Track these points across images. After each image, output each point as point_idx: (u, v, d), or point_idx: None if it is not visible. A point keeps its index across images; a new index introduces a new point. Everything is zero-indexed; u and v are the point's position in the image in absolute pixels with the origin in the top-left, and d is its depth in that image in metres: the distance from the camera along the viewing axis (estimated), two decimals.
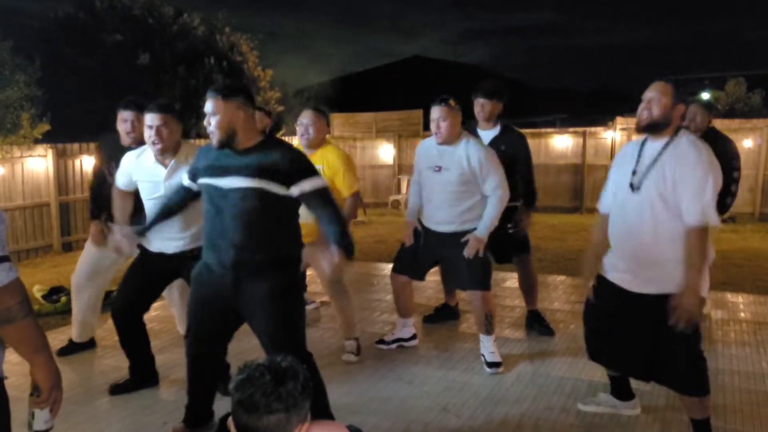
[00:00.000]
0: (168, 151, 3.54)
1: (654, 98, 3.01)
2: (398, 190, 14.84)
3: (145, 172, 3.61)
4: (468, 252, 4.04)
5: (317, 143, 4.30)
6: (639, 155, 3.09)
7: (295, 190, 2.78)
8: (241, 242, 2.81)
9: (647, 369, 3.14)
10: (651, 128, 3.03)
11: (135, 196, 3.80)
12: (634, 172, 3.08)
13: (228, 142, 2.80)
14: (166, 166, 3.56)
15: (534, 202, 4.85)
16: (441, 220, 4.16)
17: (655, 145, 3.04)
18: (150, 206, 3.62)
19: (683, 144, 2.97)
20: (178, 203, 3.19)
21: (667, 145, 3.00)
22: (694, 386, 3.07)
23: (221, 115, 2.76)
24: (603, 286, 3.24)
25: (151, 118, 3.47)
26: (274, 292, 2.84)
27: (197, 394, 3.16)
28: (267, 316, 2.86)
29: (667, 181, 2.94)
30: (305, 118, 4.28)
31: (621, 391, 3.52)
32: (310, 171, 2.85)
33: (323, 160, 4.20)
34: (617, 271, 3.16)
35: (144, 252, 3.75)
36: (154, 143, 3.49)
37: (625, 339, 3.14)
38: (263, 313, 2.86)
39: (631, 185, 3.07)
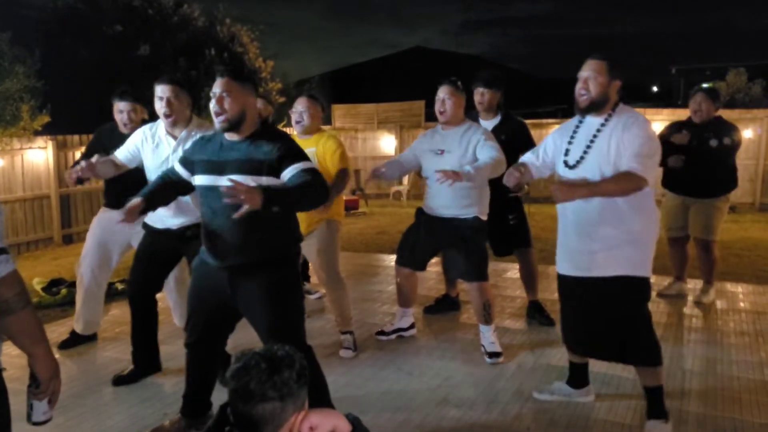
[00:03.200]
0: (179, 123, 3.58)
1: (590, 77, 3.02)
2: (400, 182, 14.82)
3: (155, 144, 3.64)
4: (439, 177, 3.86)
5: (312, 129, 4.30)
6: (574, 132, 3.15)
7: (283, 176, 2.77)
8: (238, 243, 2.81)
9: (619, 349, 3.18)
10: (591, 108, 3.05)
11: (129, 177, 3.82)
12: (566, 152, 3.13)
13: (236, 125, 2.79)
14: (175, 138, 3.59)
15: None
16: (440, 204, 4.14)
17: (593, 121, 3.07)
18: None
19: (624, 118, 3.00)
20: (172, 190, 3.11)
21: (606, 121, 3.03)
22: (649, 357, 3.13)
23: (234, 97, 2.75)
24: (558, 279, 3.34)
25: (162, 90, 3.51)
26: (271, 288, 2.85)
27: (195, 384, 3.17)
28: (264, 313, 2.86)
29: (611, 155, 2.96)
30: (300, 105, 4.28)
31: (577, 378, 3.56)
32: (299, 156, 2.81)
33: (317, 143, 4.22)
34: (566, 260, 3.23)
35: (150, 231, 3.78)
36: (165, 115, 3.52)
37: (586, 323, 3.21)
38: (260, 310, 2.86)
39: (565, 163, 3.12)
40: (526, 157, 3.49)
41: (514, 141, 4.62)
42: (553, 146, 3.34)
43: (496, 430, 3.27)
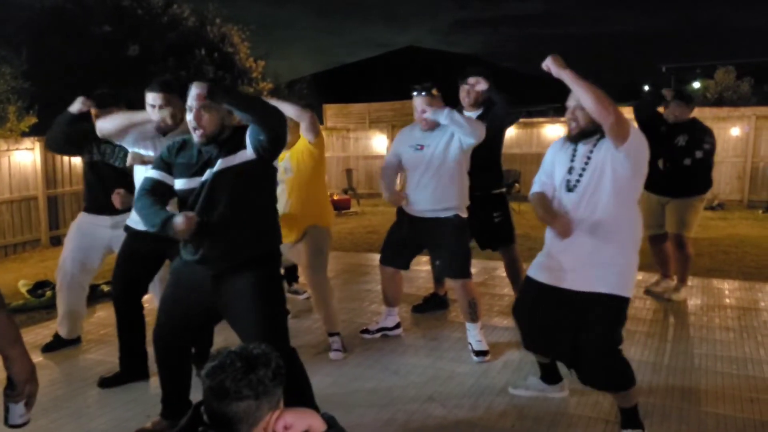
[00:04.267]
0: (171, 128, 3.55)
1: (577, 107, 2.99)
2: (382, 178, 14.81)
3: (147, 143, 3.58)
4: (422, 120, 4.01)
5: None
6: (575, 151, 3.09)
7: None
8: (219, 241, 2.79)
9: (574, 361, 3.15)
10: (581, 137, 3.04)
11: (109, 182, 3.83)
12: (570, 170, 3.07)
13: (214, 139, 2.78)
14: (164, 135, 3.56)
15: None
16: (421, 201, 4.13)
17: (589, 141, 3.03)
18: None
19: None
20: (162, 198, 2.96)
21: (599, 139, 2.99)
22: (617, 385, 3.09)
23: (212, 114, 2.73)
24: (531, 285, 3.25)
25: (153, 98, 3.45)
26: (253, 288, 2.82)
27: (170, 386, 3.15)
28: (247, 313, 2.84)
29: (605, 171, 2.93)
30: None
31: (549, 375, 3.56)
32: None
33: (289, 149, 4.17)
34: (549, 270, 3.15)
35: (131, 233, 3.76)
36: (160, 122, 3.47)
37: (554, 333, 3.15)
38: (243, 310, 2.84)
39: (567, 183, 3.07)
40: (540, 187, 3.34)
41: (499, 128, 4.63)
42: (551, 165, 3.25)
43: (480, 428, 3.28)
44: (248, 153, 2.76)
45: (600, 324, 3.00)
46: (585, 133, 3.02)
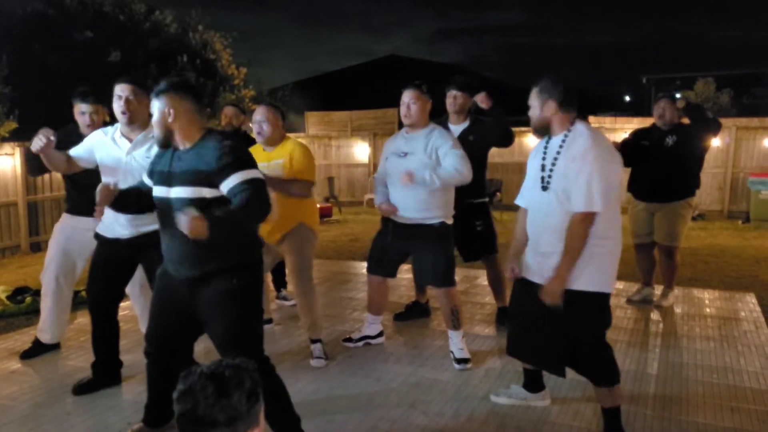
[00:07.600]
0: (135, 123, 3.55)
1: (529, 104, 3.13)
2: (373, 189, 14.83)
3: (110, 146, 3.60)
4: (401, 178, 3.99)
5: (275, 140, 4.16)
6: (545, 151, 3.14)
7: (223, 188, 2.67)
8: (191, 253, 2.76)
9: (561, 362, 3.18)
10: (537, 132, 3.18)
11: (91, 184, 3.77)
12: (542, 168, 3.12)
13: (165, 142, 2.78)
14: (130, 141, 3.55)
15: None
16: (404, 207, 4.12)
17: (555, 141, 3.10)
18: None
19: (576, 136, 3.01)
20: (147, 198, 2.97)
21: (563, 141, 3.05)
22: (602, 377, 3.12)
23: (155, 112, 2.75)
24: (521, 285, 3.28)
25: (120, 89, 3.52)
26: (228, 296, 2.79)
27: (156, 394, 3.12)
28: (220, 321, 2.81)
29: (567, 177, 2.97)
30: (258, 114, 4.12)
31: (532, 383, 3.59)
32: (240, 164, 2.68)
33: (283, 153, 4.13)
34: (530, 267, 3.19)
35: (102, 241, 3.73)
36: (122, 113, 3.49)
37: (539, 334, 3.17)
38: (217, 318, 2.82)
39: (542, 181, 3.11)
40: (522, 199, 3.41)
41: (484, 141, 4.66)
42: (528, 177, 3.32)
43: None
44: (216, 192, 2.69)
45: (580, 320, 3.02)
46: (537, 129, 3.15)
